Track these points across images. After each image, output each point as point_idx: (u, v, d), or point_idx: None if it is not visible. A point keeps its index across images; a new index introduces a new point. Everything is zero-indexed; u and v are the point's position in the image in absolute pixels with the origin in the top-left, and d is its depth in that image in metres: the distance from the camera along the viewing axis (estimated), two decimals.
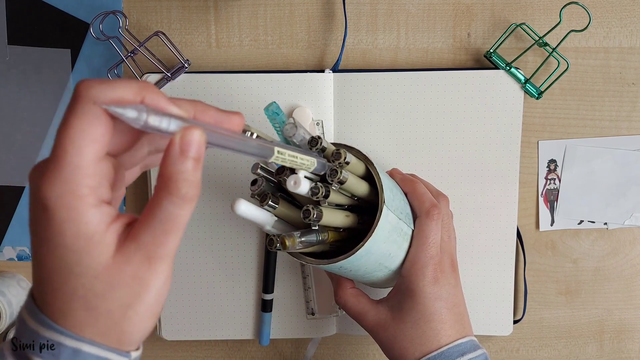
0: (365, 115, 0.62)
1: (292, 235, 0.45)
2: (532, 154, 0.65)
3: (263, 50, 0.64)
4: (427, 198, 0.53)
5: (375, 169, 0.49)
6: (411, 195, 0.53)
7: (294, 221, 0.48)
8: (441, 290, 0.51)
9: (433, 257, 0.51)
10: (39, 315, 0.33)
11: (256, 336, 0.66)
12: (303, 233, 0.46)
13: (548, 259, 0.67)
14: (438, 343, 0.50)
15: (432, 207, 0.52)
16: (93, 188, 0.31)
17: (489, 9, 0.63)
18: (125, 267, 0.32)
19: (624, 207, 0.65)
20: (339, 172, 0.45)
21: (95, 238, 0.31)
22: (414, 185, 0.54)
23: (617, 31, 0.63)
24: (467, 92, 0.62)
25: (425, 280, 0.51)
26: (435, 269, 0.51)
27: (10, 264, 0.68)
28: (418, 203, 0.53)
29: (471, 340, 0.52)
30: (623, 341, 0.68)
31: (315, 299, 0.65)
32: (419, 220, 0.52)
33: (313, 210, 0.44)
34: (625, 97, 0.64)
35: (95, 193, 0.31)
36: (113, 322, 0.33)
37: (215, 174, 0.63)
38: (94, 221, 0.31)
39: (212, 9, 0.63)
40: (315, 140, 0.46)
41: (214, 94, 0.62)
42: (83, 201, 0.31)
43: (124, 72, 0.63)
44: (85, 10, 0.63)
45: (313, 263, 0.48)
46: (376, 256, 0.49)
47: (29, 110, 0.65)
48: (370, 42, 0.64)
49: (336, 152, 0.46)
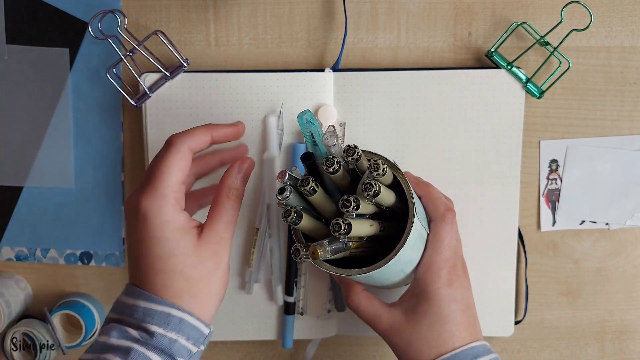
0: (366, 114, 0.62)
1: (322, 245, 0.44)
2: (533, 153, 0.65)
3: (263, 50, 0.63)
4: (442, 202, 0.53)
5: (404, 177, 0.49)
6: (426, 198, 0.54)
7: (316, 232, 0.48)
8: (455, 292, 0.52)
9: (448, 260, 0.52)
10: (150, 296, 0.46)
11: (258, 337, 0.65)
12: (331, 241, 0.45)
13: (549, 260, 0.66)
14: (453, 345, 0.51)
15: (448, 211, 0.53)
16: (178, 200, 0.47)
17: (490, 8, 0.63)
18: (207, 246, 0.47)
19: (625, 207, 0.65)
20: (374, 185, 0.44)
21: (185, 229, 0.47)
22: (429, 189, 0.54)
23: (618, 30, 0.63)
24: (468, 92, 0.62)
25: (440, 282, 0.51)
26: (450, 272, 0.52)
27: (8, 264, 0.67)
28: (433, 207, 0.53)
29: (484, 344, 0.52)
30: (624, 342, 0.68)
31: (307, 298, 0.65)
32: (434, 223, 0.53)
33: (343, 223, 0.44)
34: (627, 97, 0.64)
35: (179, 203, 0.47)
36: (202, 287, 0.47)
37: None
38: (182, 219, 0.47)
39: (211, 7, 0.63)
40: (352, 149, 0.45)
41: (214, 94, 0.61)
42: (174, 208, 0.47)
43: (123, 71, 0.63)
44: (83, 9, 0.63)
45: (342, 273, 0.48)
46: (402, 264, 0.49)
47: (27, 110, 0.64)
48: (370, 41, 0.63)
49: (374, 164, 0.45)
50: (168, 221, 0.46)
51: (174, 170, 0.47)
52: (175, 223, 0.46)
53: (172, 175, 0.47)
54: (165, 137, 0.62)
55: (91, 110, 0.64)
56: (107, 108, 0.64)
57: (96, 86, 0.64)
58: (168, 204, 0.46)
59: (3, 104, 0.64)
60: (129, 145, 0.65)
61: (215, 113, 0.62)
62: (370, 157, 0.46)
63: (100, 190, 0.65)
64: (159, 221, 0.46)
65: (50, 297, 0.68)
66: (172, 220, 0.46)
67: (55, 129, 0.64)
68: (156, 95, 0.62)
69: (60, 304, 0.66)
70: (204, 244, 0.47)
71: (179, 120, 0.62)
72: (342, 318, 0.66)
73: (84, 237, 0.66)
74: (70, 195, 0.65)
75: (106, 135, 0.64)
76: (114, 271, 0.67)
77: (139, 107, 0.62)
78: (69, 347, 0.65)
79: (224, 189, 0.49)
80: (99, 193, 0.65)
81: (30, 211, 0.66)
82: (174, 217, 0.46)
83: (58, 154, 0.65)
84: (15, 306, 0.65)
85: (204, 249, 0.47)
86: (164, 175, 0.47)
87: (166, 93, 0.62)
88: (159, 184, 0.46)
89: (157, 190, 0.46)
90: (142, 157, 0.64)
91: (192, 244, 0.46)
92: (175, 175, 0.47)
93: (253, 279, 0.64)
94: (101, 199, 0.65)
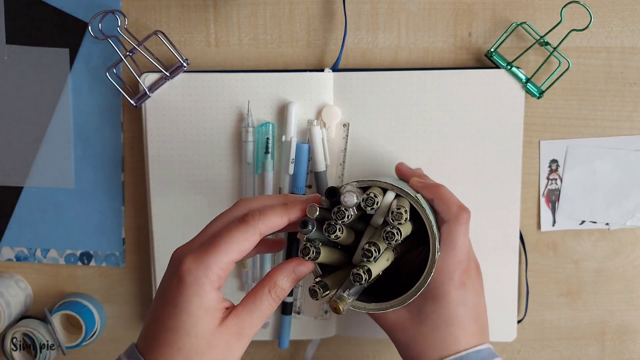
0: (365, 115, 0.62)
1: (342, 299, 0.43)
2: (533, 154, 0.65)
3: (262, 50, 0.63)
4: (453, 202, 0.51)
5: (425, 210, 0.47)
6: (437, 200, 0.50)
7: (332, 260, 0.47)
8: (466, 295, 0.50)
9: (462, 263, 0.50)
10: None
11: (255, 337, 0.65)
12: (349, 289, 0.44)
13: (549, 260, 0.66)
14: (457, 348, 0.50)
15: (461, 211, 0.50)
16: (220, 276, 0.43)
17: (490, 8, 0.63)
18: (224, 336, 0.43)
19: (625, 207, 0.65)
20: (397, 234, 0.43)
21: (210, 310, 0.43)
22: (439, 190, 0.51)
23: (618, 31, 0.63)
24: (468, 92, 0.62)
25: (451, 285, 0.50)
26: (462, 274, 0.50)
27: (8, 264, 0.67)
28: (445, 207, 0.50)
29: (489, 348, 0.51)
30: (625, 342, 0.68)
31: (304, 298, 0.65)
32: (447, 224, 0.50)
33: (364, 274, 0.43)
34: (627, 97, 0.64)
35: (219, 281, 0.43)
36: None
37: (235, 184, 0.63)
38: (213, 299, 0.43)
39: (211, 7, 0.63)
40: (371, 199, 0.44)
41: (213, 94, 0.61)
42: (212, 285, 0.43)
43: (123, 71, 0.63)
44: (83, 9, 0.63)
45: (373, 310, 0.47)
46: None
47: (27, 110, 0.64)
48: (370, 42, 0.63)
49: (397, 213, 0.44)
50: (199, 295, 0.42)
51: (232, 248, 0.43)
52: (205, 300, 0.43)
53: (228, 254, 0.43)
54: (165, 137, 0.62)
55: (91, 110, 0.64)
56: (107, 108, 0.64)
57: (96, 86, 0.64)
58: (207, 277, 0.42)
59: (3, 104, 0.64)
60: (129, 145, 0.65)
61: (215, 113, 0.62)
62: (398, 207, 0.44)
63: (100, 190, 0.65)
64: (191, 291, 0.42)
65: (50, 297, 0.68)
66: (203, 295, 0.42)
67: (55, 129, 0.64)
68: (156, 95, 0.62)
69: (60, 304, 0.66)
70: (222, 332, 0.43)
71: (179, 120, 0.62)
72: (341, 319, 0.65)
73: (84, 237, 0.66)
74: (70, 195, 0.65)
75: (106, 135, 0.64)
76: (114, 271, 0.67)
77: (139, 107, 0.62)
78: (69, 347, 0.64)
79: (270, 283, 0.45)
80: (99, 193, 0.65)
81: (30, 211, 0.66)
82: (207, 293, 0.43)
83: (58, 154, 0.65)
84: (15, 306, 0.65)
85: (219, 336, 0.43)
86: (219, 249, 0.43)
87: (166, 93, 0.62)
88: (209, 254, 0.43)
89: (205, 260, 0.43)
90: (142, 157, 0.64)
91: (210, 328, 0.43)
92: (230, 255, 0.43)
93: (251, 278, 0.64)
94: (101, 199, 0.65)
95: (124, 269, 0.67)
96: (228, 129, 0.62)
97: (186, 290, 0.42)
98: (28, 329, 0.64)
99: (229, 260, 0.43)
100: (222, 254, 0.43)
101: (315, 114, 0.62)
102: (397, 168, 0.58)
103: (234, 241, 0.43)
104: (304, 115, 0.62)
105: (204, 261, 0.42)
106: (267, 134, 0.61)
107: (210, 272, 0.42)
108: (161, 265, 0.64)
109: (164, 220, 0.63)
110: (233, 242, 0.43)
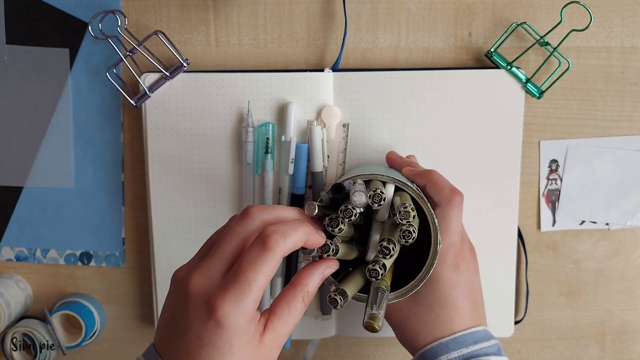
0: (365, 115, 0.62)
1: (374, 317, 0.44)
2: (533, 154, 0.65)
3: (263, 50, 0.63)
4: (445, 185, 0.51)
5: (430, 209, 0.48)
6: (430, 185, 0.51)
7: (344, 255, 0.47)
8: (460, 277, 0.51)
9: (454, 245, 0.50)
10: None
11: None
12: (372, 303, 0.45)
13: (549, 260, 0.66)
14: (451, 329, 0.50)
15: (454, 194, 0.50)
16: (255, 311, 0.41)
17: (490, 8, 0.63)
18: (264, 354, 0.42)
19: (625, 207, 0.65)
20: (413, 232, 0.44)
21: (252, 341, 0.41)
22: (430, 175, 0.52)
23: (618, 31, 0.63)
24: (467, 92, 0.62)
25: (444, 266, 0.50)
26: (456, 255, 0.51)
27: (8, 264, 0.67)
28: (437, 191, 0.50)
29: (485, 330, 0.51)
30: (625, 342, 0.68)
31: None
32: (440, 208, 0.50)
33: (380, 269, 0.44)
34: (627, 97, 0.64)
35: (255, 314, 0.42)
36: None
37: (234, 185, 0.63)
38: (252, 328, 0.41)
39: (211, 7, 0.63)
40: (378, 195, 0.44)
41: (213, 94, 0.61)
42: (252, 322, 0.41)
43: (123, 71, 0.63)
44: (83, 9, 0.63)
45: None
46: None
47: (28, 110, 0.64)
48: (370, 41, 0.63)
49: (404, 211, 0.44)
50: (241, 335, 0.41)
51: (262, 282, 0.41)
52: (247, 337, 0.41)
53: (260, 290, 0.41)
54: (165, 137, 0.62)
55: (91, 110, 0.64)
56: (107, 108, 0.64)
57: (96, 86, 0.64)
58: (246, 318, 0.41)
59: (3, 104, 0.64)
60: (129, 145, 0.65)
61: (215, 113, 0.62)
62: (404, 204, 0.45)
63: (100, 190, 0.65)
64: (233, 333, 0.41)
65: (50, 298, 0.68)
66: (246, 333, 0.41)
67: (55, 129, 0.64)
68: (156, 95, 0.62)
69: (60, 304, 0.66)
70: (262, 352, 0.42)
71: (179, 120, 0.62)
72: (341, 319, 0.65)
73: (84, 237, 0.66)
74: (70, 195, 0.65)
75: (106, 135, 0.64)
76: (114, 271, 0.67)
77: (139, 107, 0.62)
78: (69, 348, 0.64)
79: (303, 289, 0.44)
80: (99, 193, 0.65)
81: (30, 211, 0.66)
82: (248, 330, 0.41)
83: (58, 154, 0.65)
84: (15, 306, 0.65)
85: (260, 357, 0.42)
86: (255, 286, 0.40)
87: (166, 93, 0.62)
88: (245, 294, 0.40)
89: (242, 301, 0.40)
90: (142, 157, 0.64)
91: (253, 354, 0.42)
92: (261, 290, 0.41)
93: None
94: (101, 199, 0.65)
95: (124, 269, 0.67)
96: (228, 129, 0.62)
97: (228, 333, 0.40)
98: (28, 329, 0.64)
99: (263, 288, 0.41)
100: (255, 292, 0.41)
101: (315, 114, 0.62)
102: (388, 157, 0.58)
103: (262, 276, 0.41)
104: (304, 115, 0.62)
105: (239, 305, 0.40)
106: (267, 134, 0.61)
107: (248, 311, 0.41)
108: (161, 265, 0.64)
109: (164, 220, 0.63)
110: (261, 276, 0.41)
